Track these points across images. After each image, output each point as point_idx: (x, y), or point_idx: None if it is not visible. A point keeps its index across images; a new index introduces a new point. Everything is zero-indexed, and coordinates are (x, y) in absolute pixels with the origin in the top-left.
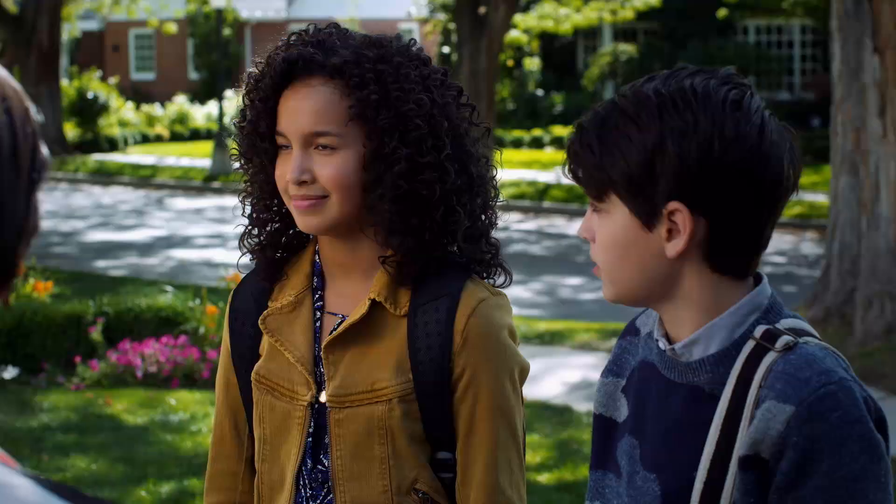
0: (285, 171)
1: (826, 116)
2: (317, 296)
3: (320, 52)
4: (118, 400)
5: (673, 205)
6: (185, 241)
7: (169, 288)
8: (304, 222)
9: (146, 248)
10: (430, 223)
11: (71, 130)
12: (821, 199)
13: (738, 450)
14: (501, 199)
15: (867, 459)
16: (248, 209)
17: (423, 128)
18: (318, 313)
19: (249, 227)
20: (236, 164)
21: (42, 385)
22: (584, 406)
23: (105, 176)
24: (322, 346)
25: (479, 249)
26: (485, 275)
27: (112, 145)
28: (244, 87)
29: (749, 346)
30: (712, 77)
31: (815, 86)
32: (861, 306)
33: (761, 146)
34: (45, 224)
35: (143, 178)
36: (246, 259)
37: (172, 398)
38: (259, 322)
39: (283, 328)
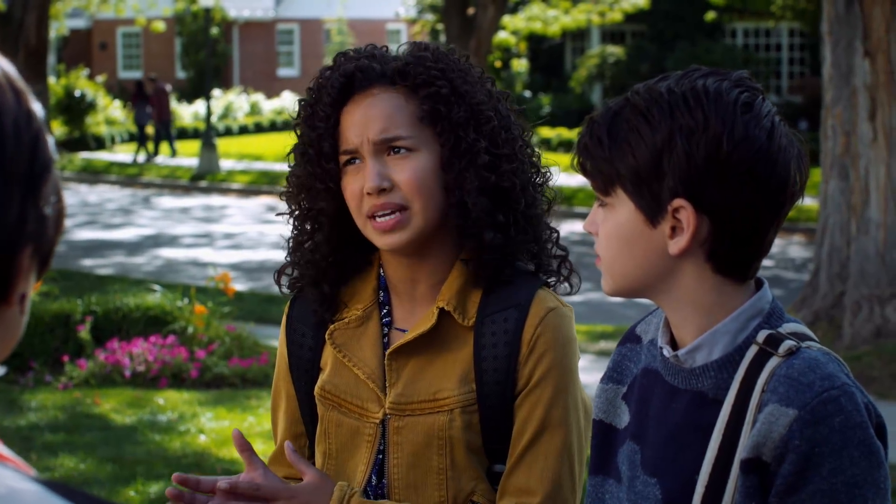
0: (357, 186)
1: (814, 119)
2: (384, 311)
3: (375, 62)
4: (106, 399)
5: (678, 202)
6: (172, 240)
7: (157, 287)
8: (385, 241)
9: (133, 247)
10: (514, 217)
11: (58, 128)
12: (808, 202)
13: (740, 453)
14: None
15: (867, 465)
16: (294, 244)
17: (494, 120)
18: (386, 329)
19: (291, 265)
20: (285, 206)
21: (30, 384)
22: None
23: (92, 174)
24: (386, 353)
25: (552, 252)
26: (553, 282)
27: (99, 144)
28: (297, 116)
29: (752, 350)
30: (725, 79)
31: (803, 88)
32: (850, 310)
33: (769, 149)
34: None
35: (130, 176)
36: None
37: (161, 398)
38: (326, 336)
39: (351, 343)
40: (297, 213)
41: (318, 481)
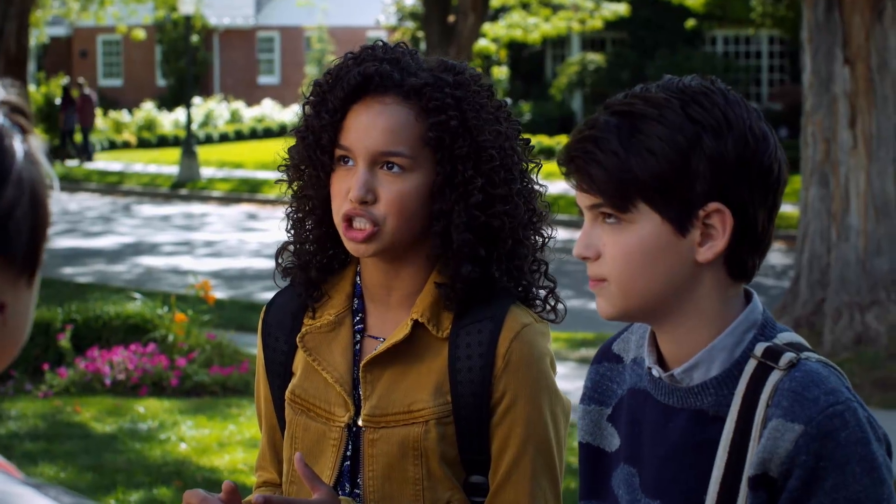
0: (343, 187)
1: (794, 127)
2: (357, 318)
3: (397, 71)
4: (86, 408)
5: (713, 205)
6: (152, 249)
7: (137, 295)
8: (355, 248)
9: (113, 255)
10: (497, 255)
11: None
12: (788, 209)
13: (748, 469)
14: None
15: (869, 482)
16: (289, 223)
17: (496, 159)
18: (358, 336)
19: (290, 244)
20: (282, 176)
21: (10, 392)
22: None
23: (72, 182)
24: (361, 365)
25: (539, 283)
26: (538, 309)
27: (79, 152)
28: (308, 96)
29: (751, 365)
30: (711, 80)
31: (783, 96)
32: (830, 317)
33: (777, 146)
34: None
35: (110, 184)
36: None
37: (141, 406)
38: (297, 339)
39: (322, 347)
40: (293, 189)
41: (330, 499)
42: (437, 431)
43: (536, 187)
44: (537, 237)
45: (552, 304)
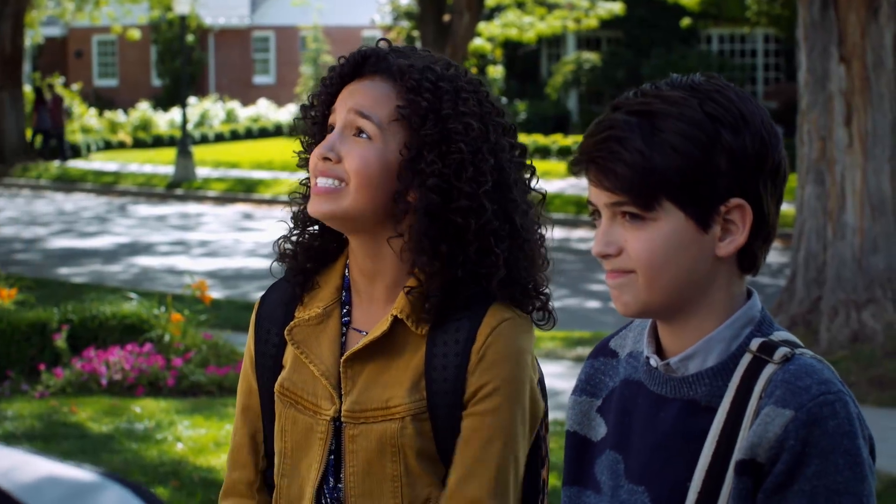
0: (318, 150)
1: (789, 125)
2: (344, 310)
3: (393, 55)
4: (83, 408)
5: (735, 201)
6: (147, 248)
7: (133, 295)
8: (315, 205)
9: (109, 255)
10: (462, 258)
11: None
12: (784, 207)
13: (736, 454)
14: None
15: (850, 475)
16: (293, 211)
17: (464, 153)
18: (345, 328)
19: (289, 230)
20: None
21: (6, 393)
22: (550, 415)
23: (67, 182)
24: (341, 360)
25: (517, 296)
26: (530, 311)
27: (75, 152)
28: (324, 77)
29: (746, 358)
30: (715, 77)
31: (778, 94)
32: (827, 315)
33: (783, 141)
34: (8, 230)
35: (106, 184)
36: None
37: (137, 406)
38: (285, 332)
39: (310, 340)
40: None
41: None
42: (413, 428)
43: (532, 205)
44: (520, 254)
45: (543, 316)
